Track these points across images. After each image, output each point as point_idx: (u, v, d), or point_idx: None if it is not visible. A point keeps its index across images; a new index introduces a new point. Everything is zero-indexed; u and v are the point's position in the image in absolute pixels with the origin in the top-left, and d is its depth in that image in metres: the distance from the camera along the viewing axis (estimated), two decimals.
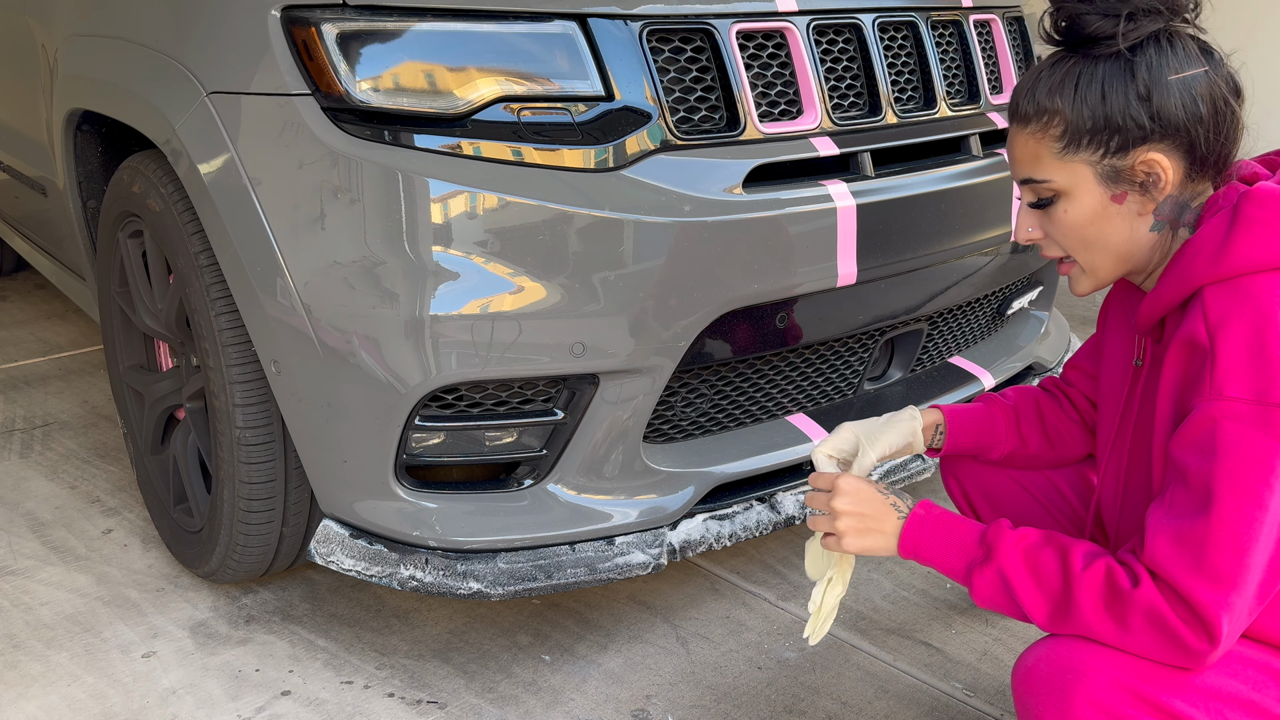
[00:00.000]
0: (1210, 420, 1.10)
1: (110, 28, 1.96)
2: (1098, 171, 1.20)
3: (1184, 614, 1.11)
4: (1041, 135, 1.21)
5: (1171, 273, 1.20)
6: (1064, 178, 1.21)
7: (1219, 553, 1.09)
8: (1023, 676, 1.21)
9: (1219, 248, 1.15)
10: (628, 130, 1.58)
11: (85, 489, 2.53)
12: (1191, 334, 1.15)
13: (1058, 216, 1.24)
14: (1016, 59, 2.21)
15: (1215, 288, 1.15)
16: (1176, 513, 1.12)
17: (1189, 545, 1.10)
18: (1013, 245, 2.11)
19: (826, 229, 1.70)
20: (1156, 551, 1.12)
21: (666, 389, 1.74)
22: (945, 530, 1.28)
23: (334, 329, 1.60)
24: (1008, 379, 2.27)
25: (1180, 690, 1.15)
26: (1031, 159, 1.23)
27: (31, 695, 1.80)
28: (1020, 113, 1.24)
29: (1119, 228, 1.22)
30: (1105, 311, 1.46)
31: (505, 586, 1.68)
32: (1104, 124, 1.17)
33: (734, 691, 1.82)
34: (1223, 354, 1.11)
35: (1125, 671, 1.15)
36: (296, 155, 1.57)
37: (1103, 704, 1.15)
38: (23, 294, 4.18)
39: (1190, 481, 1.12)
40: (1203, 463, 1.10)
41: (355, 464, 1.68)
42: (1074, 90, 1.19)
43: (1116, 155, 1.18)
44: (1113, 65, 1.17)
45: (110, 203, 2.10)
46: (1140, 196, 1.20)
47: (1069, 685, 1.16)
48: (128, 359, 2.27)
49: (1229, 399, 1.09)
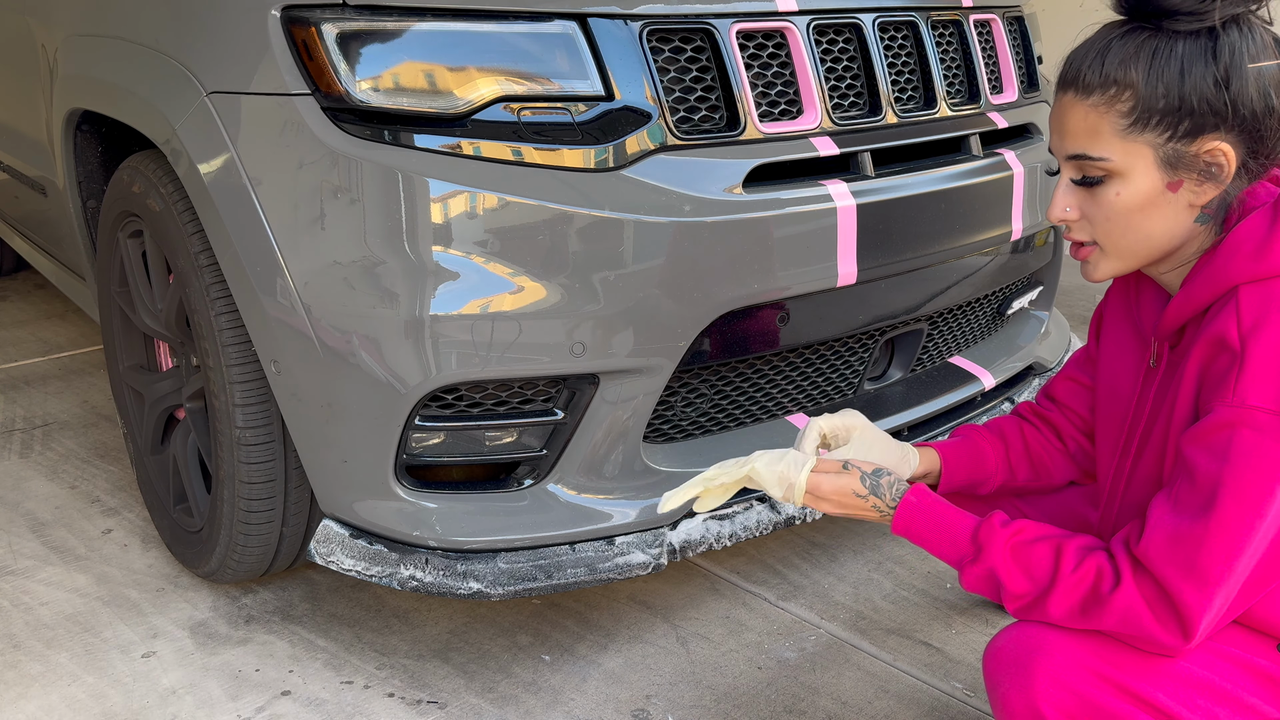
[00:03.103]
0: (1228, 425, 1.09)
1: (110, 28, 1.96)
2: (1160, 155, 1.13)
3: (1163, 612, 1.12)
4: (1106, 109, 1.13)
5: (1205, 271, 1.16)
6: (1123, 157, 1.14)
7: (1212, 556, 1.09)
8: (990, 658, 1.23)
9: (1259, 246, 1.11)
10: (628, 130, 1.58)
11: (85, 489, 2.53)
12: (1222, 333, 1.11)
13: (1106, 198, 1.16)
14: (1016, 59, 2.21)
15: (1252, 288, 1.11)
16: (1179, 509, 1.12)
17: (1185, 546, 1.10)
18: (1013, 245, 2.11)
19: (826, 229, 1.70)
20: (1151, 546, 1.12)
21: (666, 389, 1.74)
22: (936, 521, 1.27)
23: (334, 329, 1.60)
24: (1008, 379, 2.27)
25: (1144, 671, 1.16)
26: (1089, 133, 1.15)
27: (31, 695, 1.80)
28: (1083, 82, 1.14)
29: (1166, 216, 1.16)
30: (1099, 320, 1.43)
31: (505, 586, 1.68)
32: (1179, 104, 1.10)
33: (734, 691, 1.82)
34: (1252, 360, 1.08)
35: (1089, 652, 1.17)
36: (296, 155, 1.57)
37: (1065, 681, 1.16)
38: (23, 294, 4.18)
39: (1197, 480, 1.11)
40: (1213, 464, 1.09)
41: (355, 464, 1.68)
42: (1150, 64, 1.11)
43: (1184, 140, 1.12)
44: (1194, 44, 1.10)
45: (110, 203, 2.10)
46: (1196, 186, 1.14)
47: (1032, 664, 1.18)
48: (128, 359, 2.27)
49: (1251, 408, 1.07)
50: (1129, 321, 1.36)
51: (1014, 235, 2.06)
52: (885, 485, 1.31)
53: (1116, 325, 1.38)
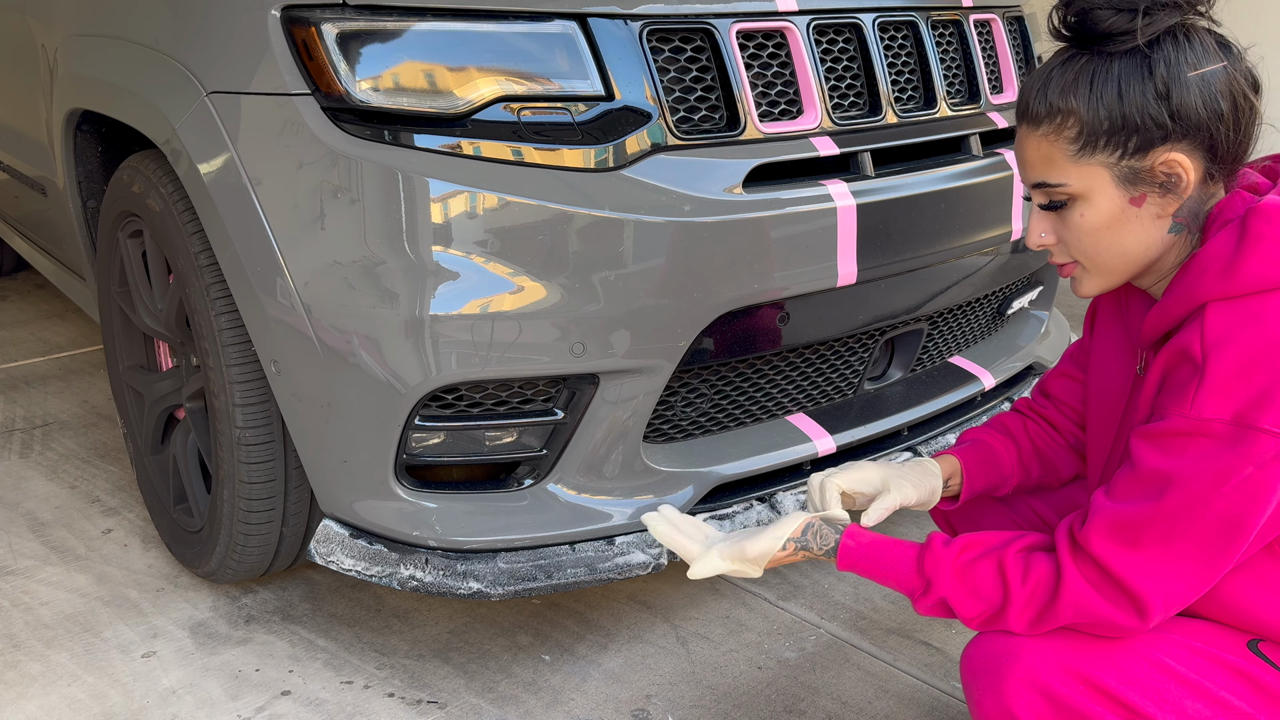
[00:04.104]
0: (1183, 434, 1.10)
1: (110, 28, 1.96)
2: (1115, 173, 1.15)
3: (1110, 592, 1.14)
4: (1055, 137, 1.16)
5: (1177, 288, 1.17)
6: (1080, 181, 1.16)
7: (1152, 535, 1.11)
8: (965, 666, 1.25)
9: (1227, 265, 1.12)
10: (628, 130, 1.58)
11: (85, 489, 2.53)
12: (1185, 345, 1.13)
13: (1073, 221, 1.19)
14: (1017, 59, 2.21)
15: (1219, 305, 1.12)
16: (1119, 499, 1.14)
17: (1127, 529, 1.12)
18: (1013, 245, 2.11)
19: (826, 229, 1.70)
20: (1092, 531, 1.14)
21: (666, 389, 1.74)
22: (878, 558, 1.28)
23: (334, 329, 1.60)
24: (1008, 379, 2.27)
25: (1115, 668, 1.17)
26: (1044, 162, 1.18)
27: (31, 695, 1.80)
28: (1031, 113, 1.18)
29: (1136, 231, 1.18)
30: (1093, 314, 1.43)
31: (505, 586, 1.68)
32: (1121, 124, 1.13)
33: (734, 691, 1.82)
34: (1212, 374, 1.09)
35: (1059, 651, 1.19)
36: (296, 155, 1.57)
37: (1036, 682, 1.18)
38: (23, 294, 4.18)
39: (1142, 473, 1.13)
40: (1160, 459, 1.11)
41: (355, 464, 1.68)
42: (1089, 89, 1.14)
43: (1135, 156, 1.14)
44: (1128, 62, 1.13)
45: (110, 203, 2.10)
46: (1160, 199, 1.16)
47: (1003, 667, 1.19)
48: (128, 359, 2.27)
49: (1207, 420, 1.09)
50: (1120, 325, 1.37)
51: (1014, 235, 2.06)
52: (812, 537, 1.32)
53: (1108, 325, 1.39)
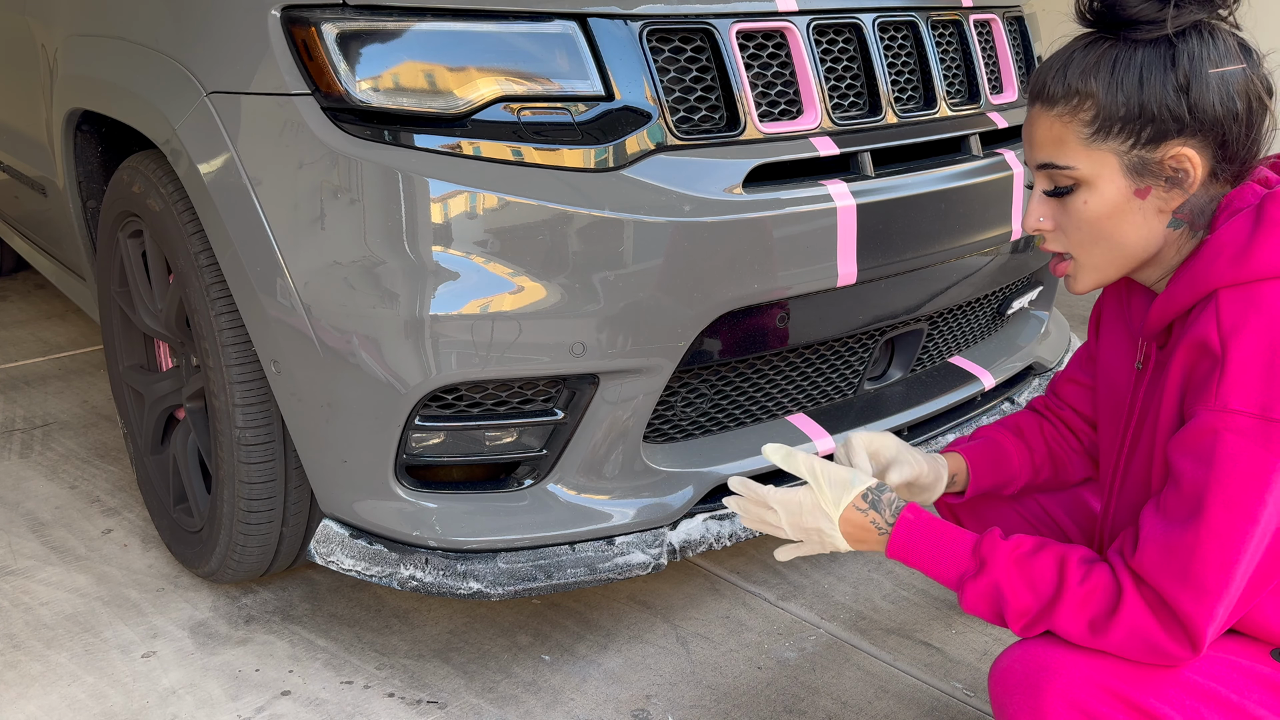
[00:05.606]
0: (1211, 431, 1.09)
1: (110, 28, 1.96)
2: (1125, 162, 1.15)
3: (1168, 622, 1.11)
4: (1070, 119, 1.16)
5: (1186, 274, 1.16)
6: (1089, 165, 1.16)
7: (1206, 564, 1.08)
8: (998, 678, 1.22)
9: (1241, 249, 1.11)
10: (628, 130, 1.58)
11: (85, 489, 2.53)
12: (1203, 337, 1.11)
13: (1075, 207, 1.18)
14: (1016, 59, 2.21)
15: (1232, 291, 1.11)
16: (1168, 518, 1.12)
17: (1178, 555, 1.10)
18: (1013, 245, 2.11)
19: (826, 229, 1.70)
20: (1146, 558, 1.12)
21: (666, 389, 1.74)
22: (935, 538, 1.26)
23: (334, 329, 1.60)
24: (1008, 379, 2.27)
25: (1153, 687, 1.15)
26: (1055, 143, 1.17)
27: (31, 695, 1.80)
28: (1047, 93, 1.17)
29: (1136, 223, 1.17)
30: (1097, 317, 1.43)
31: (505, 586, 1.68)
32: (1139, 112, 1.12)
33: (734, 691, 1.82)
34: (1233, 363, 1.08)
35: (1098, 669, 1.16)
36: (296, 155, 1.57)
37: (1075, 700, 1.15)
38: (23, 294, 4.18)
39: (1183, 487, 1.11)
40: (1198, 470, 1.09)
41: (355, 464, 1.68)
42: (1110, 74, 1.13)
43: (1147, 146, 1.13)
44: (1153, 52, 1.12)
45: (110, 203, 2.10)
46: (1165, 192, 1.15)
47: (1041, 683, 1.16)
48: (128, 359, 2.27)
49: (1233, 412, 1.07)
50: (1122, 321, 1.36)
51: (1014, 235, 2.06)
52: (885, 502, 1.29)
53: (1112, 324, 1.39)
